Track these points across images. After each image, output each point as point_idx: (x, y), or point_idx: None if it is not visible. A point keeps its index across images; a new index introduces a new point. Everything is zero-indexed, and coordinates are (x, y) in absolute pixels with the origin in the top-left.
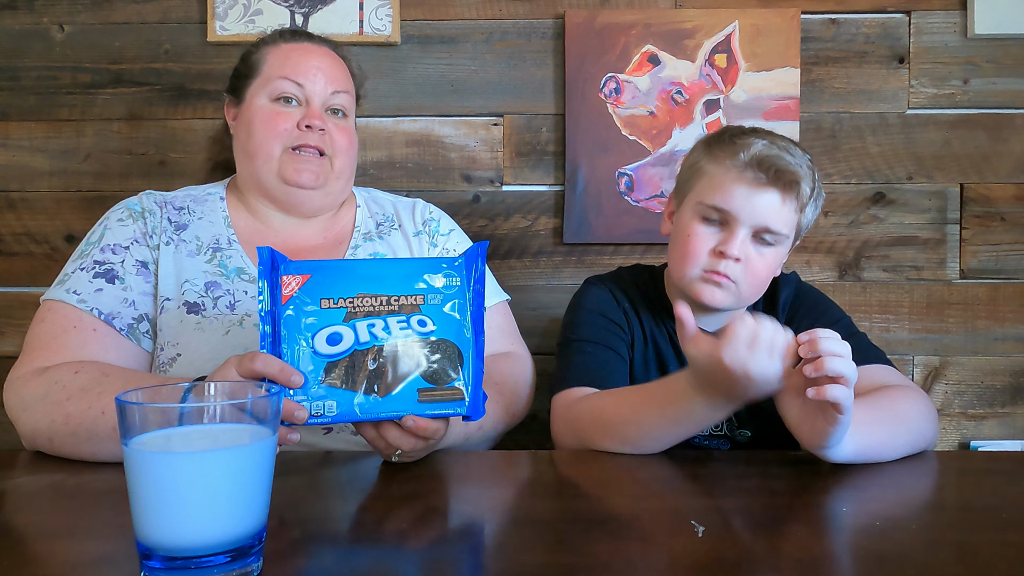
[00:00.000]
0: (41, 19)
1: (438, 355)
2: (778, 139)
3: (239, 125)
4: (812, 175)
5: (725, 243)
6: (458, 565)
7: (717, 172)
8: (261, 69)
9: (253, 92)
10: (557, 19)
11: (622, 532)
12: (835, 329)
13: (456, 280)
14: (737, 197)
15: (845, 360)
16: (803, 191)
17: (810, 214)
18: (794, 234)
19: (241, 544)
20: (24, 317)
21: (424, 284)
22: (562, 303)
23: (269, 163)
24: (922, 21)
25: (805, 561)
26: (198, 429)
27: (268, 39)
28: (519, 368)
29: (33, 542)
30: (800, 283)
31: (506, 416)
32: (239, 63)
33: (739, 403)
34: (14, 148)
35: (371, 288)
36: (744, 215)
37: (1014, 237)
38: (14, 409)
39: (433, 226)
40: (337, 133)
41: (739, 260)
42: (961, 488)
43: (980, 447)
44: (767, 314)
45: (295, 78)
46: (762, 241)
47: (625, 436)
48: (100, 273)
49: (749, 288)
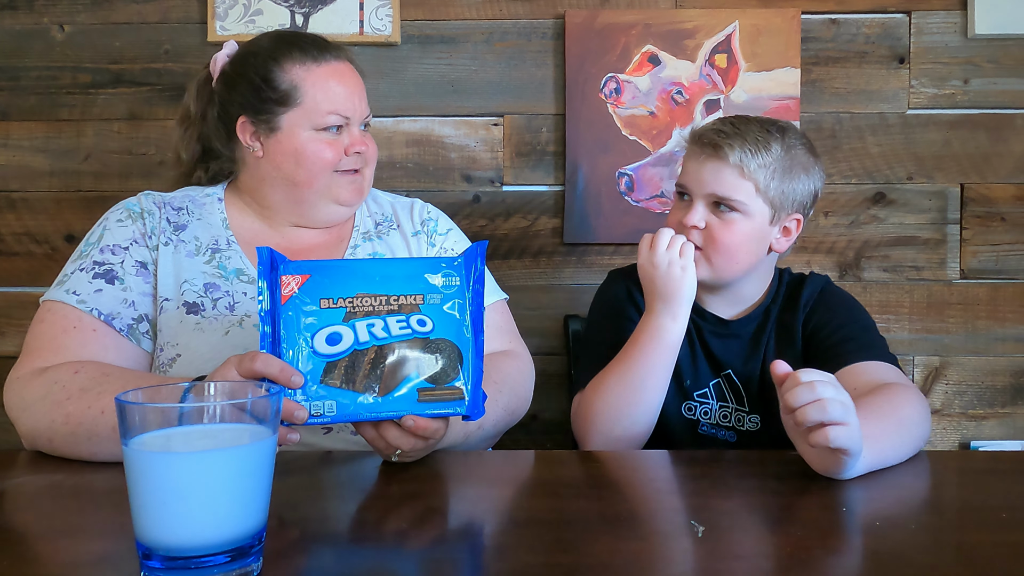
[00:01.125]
0: (41, 19)
1: (438, 355)
2: (740, 118)
3: (275, 152)
4: (768, 143)
5: (686, 214)
6: (458, 565)
7: (685, 154)
8: (299, 99)
9: (294, 122)
10: (557, 19)
11: (622, 532)
12: (845, 326)
13: (455, 280)
14: (688, 172)
15: (822, 404)
16: (740, 157)
17: (774, 182)
18: (764, 203)
19: (241, 544)
20: (24, 317)
21: (424, 283)
22: (562, 303)
23: (323, 190)
24: (922, 21)
25: (805, 561)
26: (198, 429)
27: (294, 55)
28: (519, 367)
29: (33, 542)
30: (828, 284)
31: (506, 415)
32: (261, 84)
33: (676, 302)
34: (14, 148)
35: (370, 288)
36: (694, 186)
37: (1014, 237)
38: (14, 409)
39: (431, 226)
40: (367, 144)
41: (697, 228)
42: (961, 488)
43: (980, 447)
44: (788, 311)
45: (343, 112)
46: (721, 209)
47: (623, 395)
48: (99, 274)
49: (719, 256)
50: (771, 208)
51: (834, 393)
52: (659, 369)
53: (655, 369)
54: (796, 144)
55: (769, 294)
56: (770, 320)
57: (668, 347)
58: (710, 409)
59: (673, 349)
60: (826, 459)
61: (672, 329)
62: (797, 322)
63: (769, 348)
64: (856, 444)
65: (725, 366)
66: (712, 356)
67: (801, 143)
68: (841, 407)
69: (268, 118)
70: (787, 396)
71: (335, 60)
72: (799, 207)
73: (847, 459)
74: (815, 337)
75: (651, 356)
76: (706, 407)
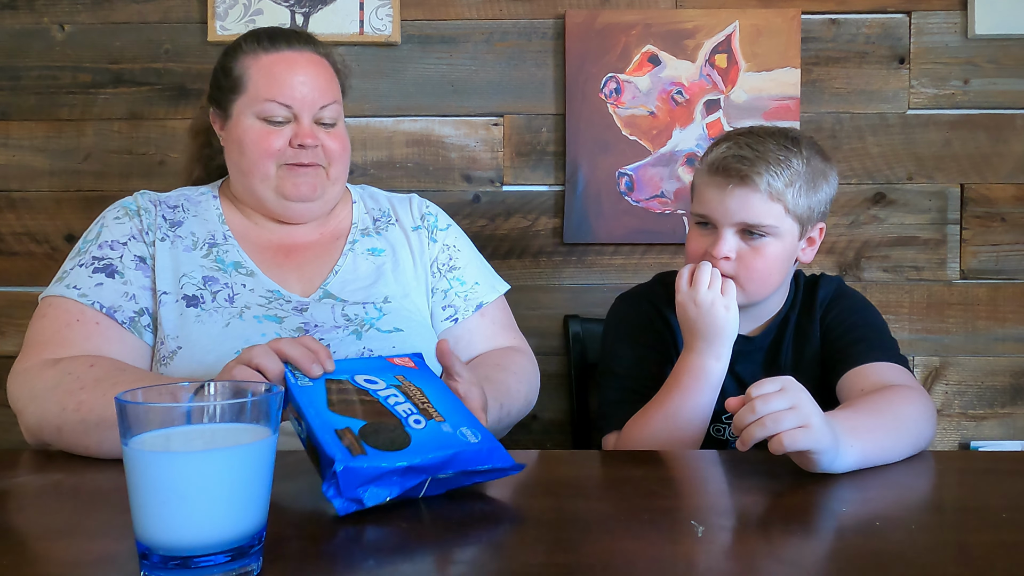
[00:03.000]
0: (41, 19)
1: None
2: (752, 135)
3: (228, 140)
4: (789, 160)
5: (713, 245)
6: (458, 565)
7: (699, 182)
8: (245, 85)
9: (240, 110)
10: (557, 19)
11: (622, 532)
12: (857, 327)
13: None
14: (711, 201)
15: (762, 423)
16: (767, 181)
17: (802, 199)
18: (794, 221)
19: (241, 544)
20: (24, 317)
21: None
22: (562, 303)
23: (266, 181)
24: (922, 21)
25: (805, 561)
26: (198, 429)
27: (246, 46)
28: (525, 360)
29: (33, 542)
30: (841, 285)
31: (525, 405)
32: (219, 71)
33: (720, 342)
34: (14, 148)
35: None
36: (720, 216)
37: (1014, 237)
38: (20, 399)
39: (431, 220)
40: (329, 141)
41: (728, 259)
42: (961, 488)
43: (980, 447)
44: (806, 314)
45: (282, 100)
46: (752, 236)
47: (667, 432)
48: (99, 268)
49: (753, 283)
50: (799, 224)
51: (780, 403)
52: (702, 409)
53: (698, 409)
54: (813, 154)
55: (787, 301)
56: (788, 327)
57: (712, 387)
58: None
59: (716, 388)
60: (800, 459)
61: (716, 369)
62: (815, 323)
63: (789, 354)
64: (819, 443)
65: (750, 381)
66: (737, 375)
67: (815, 151)
68: (793, 415)
69: (225, 106)
70: (735, 420)
71: (288, 50)
72: (822, 216)
73: (817, 456)
74: (828, 337)
75: (694, 396)
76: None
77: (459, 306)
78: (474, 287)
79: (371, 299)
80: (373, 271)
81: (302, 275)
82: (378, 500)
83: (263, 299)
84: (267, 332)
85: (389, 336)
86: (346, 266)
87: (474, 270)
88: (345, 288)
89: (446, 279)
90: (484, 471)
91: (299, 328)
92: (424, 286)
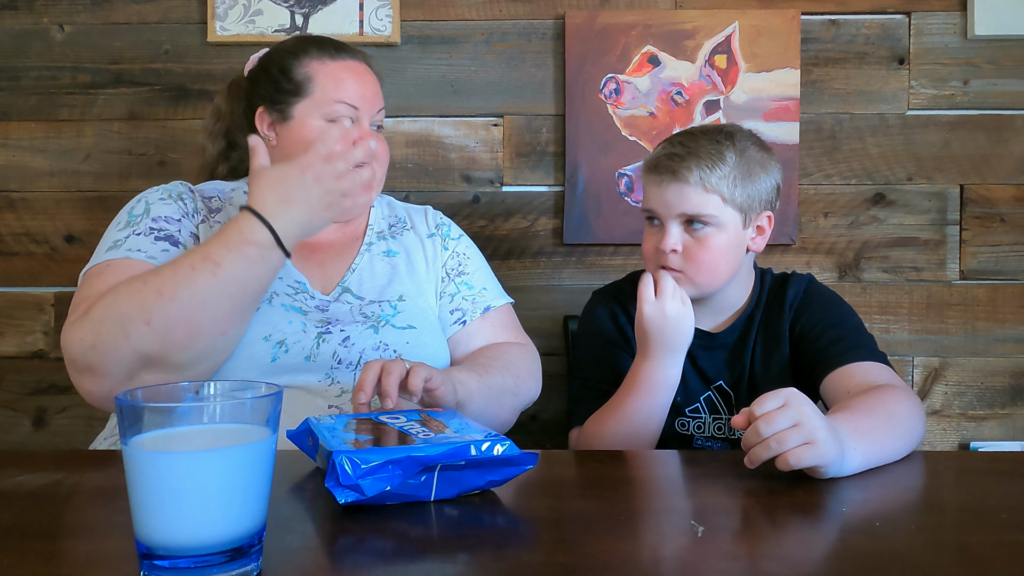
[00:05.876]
0: (41, 19)
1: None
2: (687, 135)
3: (286, 140)
4: (722, 154)
5: (661, 240)
6: (458, 565)
7: (643, 181)
8: (311, 89)
9: (304, 111)
10: (557, 19)
11: (622, 532)
12: (834, 327)
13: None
14: (651, 198)
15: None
16: (698, 175)
17: (739, 189)
18: (735, 210)
19: (240, 544)
20: (24, 317)
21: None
22: (562, 303)
23: None
24: (922, 22)
25: (805, 561)
26: (198, 429)
27: (311, 51)
28: (518, 348)
29: (33, 542)
30: (811, 283)
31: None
32: (279, 75)
33: (682, 352)
34: (14, 148)
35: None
36: (662, 210)
37: (1014, 238)
38: (87, 336)
39: (444, 230)
40: (379, 145)
41: (676, 251)
42: (961, 488)
43: (980, 448)
44: (774, 314)
45: (352, 102)
46: (694, 227)
47: (624, 433)
48: (162, 237)
49: (702, 274)
50: (741, 213)
51: (784, 421)
52: (659, 412)
53: (655, 410)
54: (748, 146)
55: (752, 298)
56: (754, 325)
57: (669, 390)
58: (703, 423)
59: (672, 391)
60: (807, 470)
61: (674, 375)
62: (784, 324)
63: (756, 353)
64: (824, 457)
65: (714, 378)
66: (701, 371)
67: (752, 142)
68: (797, 432)
69: (282, 108)
70: (743, 440)
71: (351, 59)
72: (767, 204)
73: (824, 469)
74: (804, 339)
75: (651, 399)
76: (699, 421)
77: (467, 309)
78: (482, 292)
79: (386, 297)
80: (388, 271)
81: (324, 271)
82: (378, 490)
83: (290, 289)
84: (292, 321)
85: (403, 332)
86: (363, 265)
87: (482, 277)
88: (363, 286)
89: (454, 283)
90: (493, 461)
91: (321, 322)
92: (435, 289)
